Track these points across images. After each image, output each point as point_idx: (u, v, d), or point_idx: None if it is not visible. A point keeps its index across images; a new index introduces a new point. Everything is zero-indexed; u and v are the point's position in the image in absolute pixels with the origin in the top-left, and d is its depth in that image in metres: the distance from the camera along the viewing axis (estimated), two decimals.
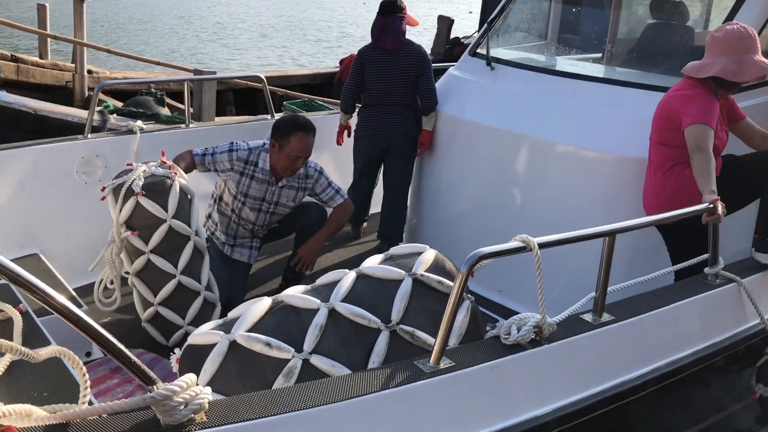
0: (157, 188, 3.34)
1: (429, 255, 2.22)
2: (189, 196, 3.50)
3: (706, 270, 2.79)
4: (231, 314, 2.14)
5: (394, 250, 2.31)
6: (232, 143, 3.83)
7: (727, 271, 2.81)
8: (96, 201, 4.09)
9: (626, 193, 3.63)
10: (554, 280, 3.40)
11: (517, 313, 2.19)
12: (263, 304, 2.09)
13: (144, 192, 3.30)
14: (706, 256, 2.79)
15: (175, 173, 3.46)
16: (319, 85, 9.90)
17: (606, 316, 2.34)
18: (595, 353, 2.28)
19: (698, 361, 2.59)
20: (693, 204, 3.01)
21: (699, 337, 2.68)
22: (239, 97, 9.38)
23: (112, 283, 3.50)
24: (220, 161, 3.79)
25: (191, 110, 4.69)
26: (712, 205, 2.72)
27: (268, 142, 3.81)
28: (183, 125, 4.55)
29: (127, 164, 3.47)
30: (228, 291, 3.80)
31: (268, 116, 4.90)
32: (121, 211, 3.33)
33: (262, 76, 4.93)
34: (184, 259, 3.41)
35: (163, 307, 3.42)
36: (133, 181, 3.31)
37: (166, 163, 3.50)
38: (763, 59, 3.22)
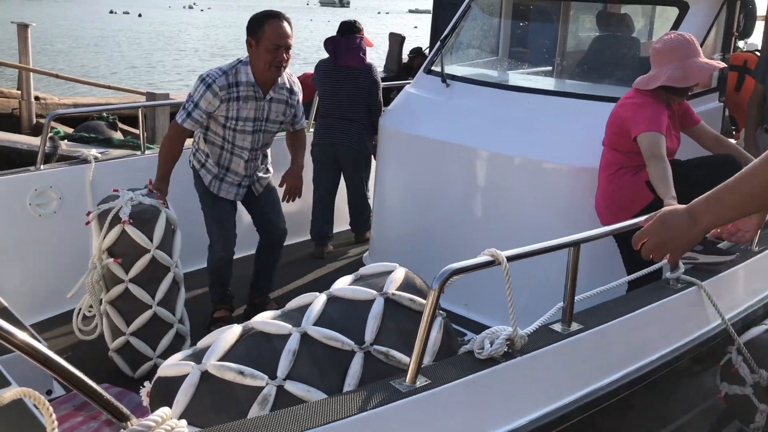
0: (144, 217, 3.33)
1: (399, 273, 2.22)
2: (173, 227, 3.48)
3: (668, 275, 2.85)
4: (200, 344, 2.10)
5: (364, 270, 2.30)
6: (202, 78, 3.61)
7: (687, 275, 2.88)
8: (51, 233, 3.99)
9: (583, 202, 3.71)
10: (518, 291, 3.43)
11: (482, 325, 2.21)
12: (233, 331, 2.05)
13: (131, 220, 3.27)
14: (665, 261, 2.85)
15: (163, 203, 3.44)
16: None
17: (575, 325, 2.37)
18: (566, 363, 2.30)
19: (666, 364, 2.64)
20: (629, 209, 3.10)
21: (665, 341, 2.74)
22: None
23: (90, 308, 3.42)
24: (207, 104, 3.59)
25: (145, 134, 4.63)
26: None
27: (243, 58, 3.69)
28: (138, 152, 4.47)
29: (114, 190, 3.44)
30: (223, 229, 3.84)
31: None
32: (105, 237, 3.28)
33: None
34: (162, 290, 3.38)
35: (134, 337, 3.37)
36: (120, 208, 3.27)
37: (153, 192, 3.48)
38: (706, 60, 3.34)
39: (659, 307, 2.68)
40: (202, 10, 69.54)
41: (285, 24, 3.58)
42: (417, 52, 12.03)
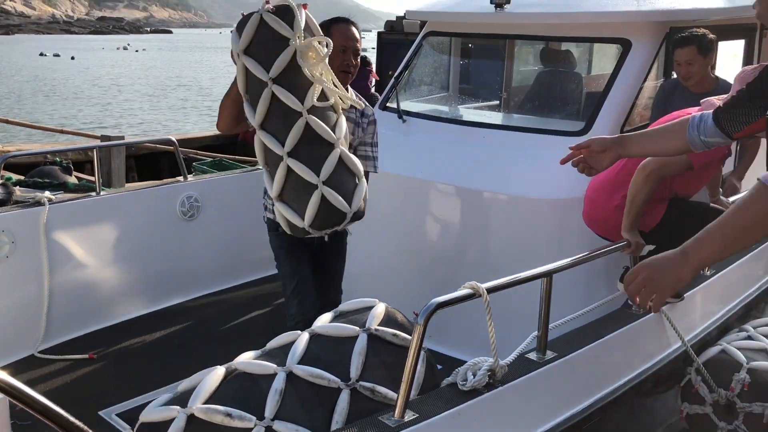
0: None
1: (380, 309, 2.24)
2: None
3: (630, 301, 2.96)
4: (182, 387, 2.07)
5: (344, 307, 2.32)
6: None
7: None
8: (3, 278, 3.87)
9: (543, 232, 3.82)
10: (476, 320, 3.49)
11: (452, 357, 2.25)
12: (217, 373, 2.03)
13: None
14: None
15: None
16: (223, 146, 9.80)
17: (549, 354, 2.43)
18: (544, 390, 2.36)
19: (633, 388, 2.73)
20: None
21: (631, 365, 2.83)
22: (141, 162, 9.16)
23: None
24: None
25: (100, 178, 4.55)
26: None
27: None
28: (93, 193, 4.39)
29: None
30: (298, 289, 3.33)
31: (181, 178, 4.83)
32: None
33: (173, 139, 4.87)
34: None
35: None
36: None
37: None
38: None
39: (625, 333, 2.78)
40: (137, 51, 68.76)
41: (353, 28, 3.27)
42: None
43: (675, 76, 4.08)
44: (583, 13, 4.09)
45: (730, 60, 4.99)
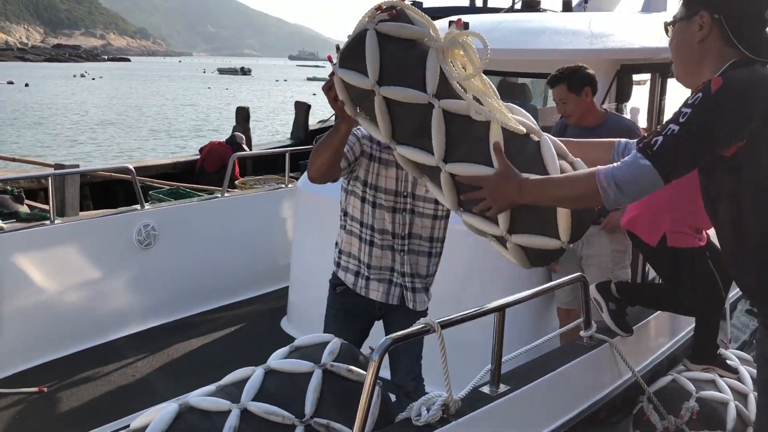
0: None
1: (336, 344, 2.25)
2: None
3: (582, 333, 3.02)
4: (134, 425, 2.03)
5: (299, 342, 2.32)
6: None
7: (599, 333, 3.05)
8: None
9: (498, 264, 3.86)
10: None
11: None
12: (169, 410, 2.00)
13: None
14: (579, 320, 3.03)
15: None
16: (180, 174, 9.74)
17: (503, 387, 2.46)
18: (497, 423, 2.38)
19: (587, 419, 2.77)
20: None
21: (584, 396, 2.88)
22: (96, 190, 9.01)
23: None
24: (352, 147, 2.80)
25: (54, 205, 4.48)
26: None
27: None
28: (47, 222, 4.32)
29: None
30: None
31: (138, 206, 4.78)
32: None
33: (130, 167, 4.84)
34: None
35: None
36: None
37: None
38: None
39: (576, 365, 2.83)
40: (93, 79, 67.96)
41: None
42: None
43: None
44: (540, 51, 4.21)
45: (681, 97, 5.17)
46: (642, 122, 5.22)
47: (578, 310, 3.48)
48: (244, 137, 10.37)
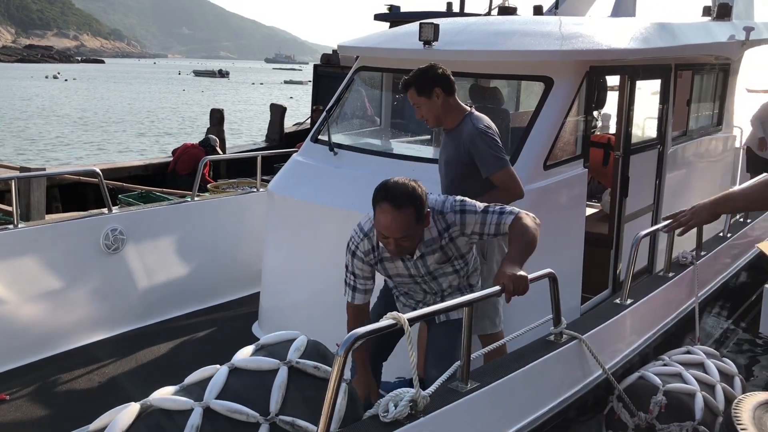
0: None
1: (302, 341, 2.22)
2: None
3: (551, 330, 3.03)
4: (93, 426, 1.99)
5: (265, 339, 2.29)
6: (347, 245, 3.03)
7: (569, 329, 3.06)
8: None
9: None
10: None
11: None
12: (130, 410, 1.97)
13: None
14: (549, 317, 3.03)
15: None
16: (152, 176, 9.63)
17: (472, 383, 2.46)
18: (465, 420, 2.37)
19: (555, 416, 2.77)
20: None
21: (553, 393, 2.88)
22: (65, 193, 8.87)
23: None
24: (362, 271, 3.00)
25: (18, 210, 4.38)
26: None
27: None
28: (11, 226, 4.23)
29: None
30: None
31: (105, 210, 4.70)
32: None
33: (97, 170, 4.75)
34: None
35: None
36: None
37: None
38: None
39: (546, 362, 2.83)
40: (66, 80, 67.04)
41: (397, 214, 2.68)
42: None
43: None
44: (508, 52, 4.22)
45: (649, 98, 5.24)
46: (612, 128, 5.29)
47: (500, 333, 3.51)
48: (218, 140, 10.30)
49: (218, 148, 10.09)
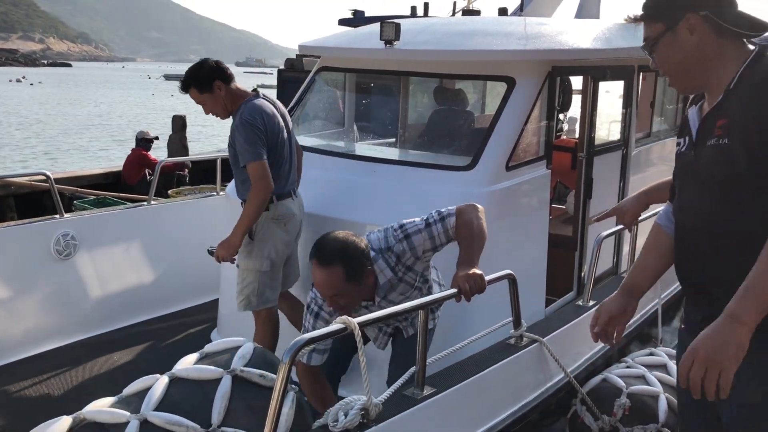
0: None
1: (248, 348, 2.12)
2: None
3: (511, 332, 2.96)
4: None
5: (210, 347, 2.18)
6: (308, 306, 2.91)
7: (530, 332, 3.00)
8: None
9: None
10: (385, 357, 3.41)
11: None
12: (61, 425, 1.85)
13: None
14: (509, 319, 2.97)
15: None
16: (112, 184, 9.38)
17: (427, 389, 2.37)
18: (421, 428, 2.29)
19: (517, 421, 2.71)
20: None
21: (514, 398, 2.82)
22: (21, 201, 8.59)
23: None
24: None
25: None
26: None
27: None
28: None
29: None
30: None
31: (57, 216, 4.54)
32: None
33: (48, 174, 4.58)
34: None
35: None
36: None
37: None
38: None
39: (506, 366, 2.77)
40: (32, 84, 65.78)
41: (325, 272, 2.60)
42: None
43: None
44: (470, 51, 4.16)
45: (614, 100, 5.23)
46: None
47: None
48: (148, 132, 9.88)
49: (151, 136, 9.66)
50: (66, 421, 1.87)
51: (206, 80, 3.60)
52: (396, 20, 4.30)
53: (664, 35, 1.97)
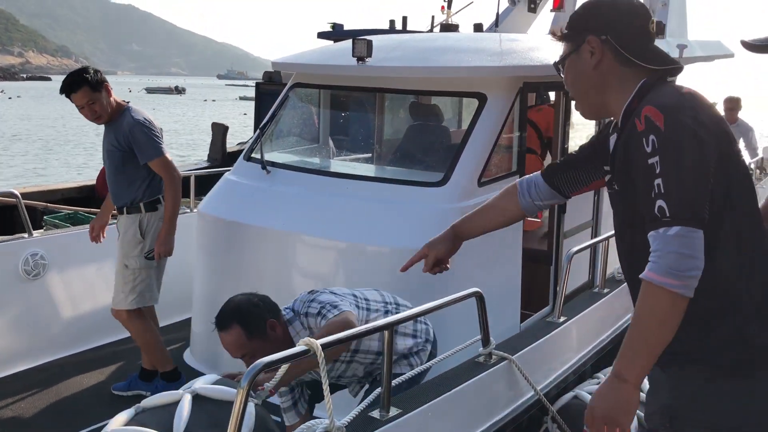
0: None
1: (185, 404, 2.04)
2: None
3: (480, 350, 2.95)
4: None
5: (146, 402, 2.12)
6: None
7: (499, 349, 2.99)
8: None
9: (404, 283, 3.78)
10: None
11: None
12: None
13: None
14: (477, 338, 2.95)
15: None
16: (86, 198, 9.28)
17: (393, 410, 2.35)
18: None
19: None
20: None
21: (483, 417, 2.80)
22: None
23: None
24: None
25: None
26: None
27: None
28: None
29: None
30: None
31: (26, 235, 4.47)
32: None
33: (16, 192, 4.52)
34: None
35: None
36: None
37: None
38: None
39: (475, 384, 2.75)
40: (10, 98, 65.14)
41: (222, 337, 2.70)
42: None
43: None
44: (441, 68, 4.18)
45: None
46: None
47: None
48: None
49: None
50: None
51: (97, 81, 3.87)
52: (368, 37, 4.31)
53: (570, 55, 1.99)
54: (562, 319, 3.52)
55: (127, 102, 4.08)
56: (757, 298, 1.80)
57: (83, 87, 3.83)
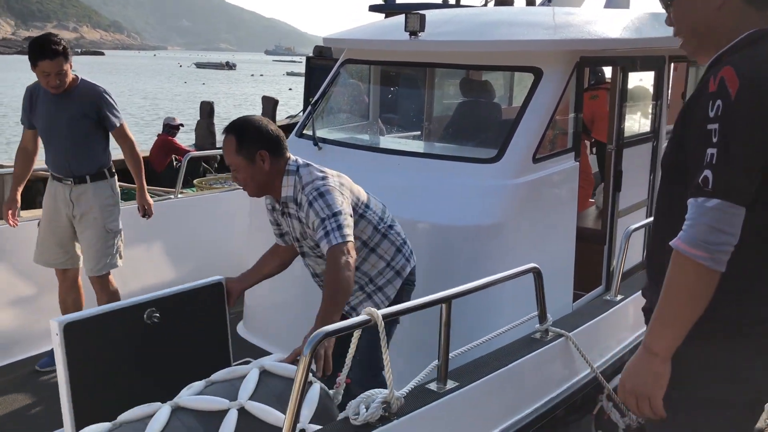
0: None
1: (253, 375, 2.10)
2: None
3: (537, 327, 2.94)
4: None
5: (216, 376, 2.18)
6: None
7: (556, 326, 2.97)
8: None
9: (455, 259, 3.77)
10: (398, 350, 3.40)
11: None
12: None
13: None
14: (534, 314, 2.94)
15: None
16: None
17: (450, 383, 2.36)
18: (443, 422, 2.29)
19: (541, 416, 2.69)
20: None
21: (539, 393, 2.80)
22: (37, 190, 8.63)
23: None
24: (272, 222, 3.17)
25: None
26: None
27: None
28: None
29: None
30: None
31: None
32: None
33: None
34: None
35: None
36: None
37: None
38: None
39: (531, 360, 2.74)
40: None
41: (225, 140, 2.84)
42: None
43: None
44: (496, 42, 4.12)
45: (644, 90, 5.13)
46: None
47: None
48: (176, 118, 9.97)
49: (179, 122, 9.76)
50: None
51: (68, 50, 3.97)
52: (421, 11, 4.27)
53: None
54: (619, 297, 3.48)
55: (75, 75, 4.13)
56: None
57: (60, 55, 3.87)
